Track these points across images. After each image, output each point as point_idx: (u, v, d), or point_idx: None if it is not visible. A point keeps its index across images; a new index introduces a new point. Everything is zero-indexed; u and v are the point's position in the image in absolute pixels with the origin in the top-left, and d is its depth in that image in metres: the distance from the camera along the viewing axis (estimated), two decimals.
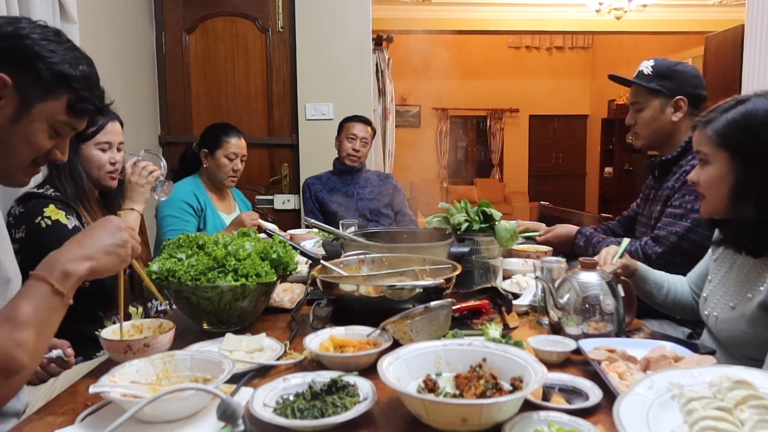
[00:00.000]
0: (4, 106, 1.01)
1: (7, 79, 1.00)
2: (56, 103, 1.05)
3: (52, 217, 1.63)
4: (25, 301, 0.94)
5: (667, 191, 1.88)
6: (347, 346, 1.20)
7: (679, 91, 1.89)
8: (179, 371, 1.08)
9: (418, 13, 6.41)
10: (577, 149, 10.91)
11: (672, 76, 1.89)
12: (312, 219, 3.01)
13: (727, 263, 1.40)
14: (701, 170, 1.34)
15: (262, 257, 1.38)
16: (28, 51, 1.01)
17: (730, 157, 1.27)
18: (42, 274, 0.97)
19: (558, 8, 6.48)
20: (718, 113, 1.30)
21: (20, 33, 1.01)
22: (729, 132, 1.27)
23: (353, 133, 3.07)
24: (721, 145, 1.28)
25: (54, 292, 0.96)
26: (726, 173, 1.28)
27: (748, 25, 3.40)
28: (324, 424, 0.89)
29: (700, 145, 1.33)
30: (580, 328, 1.27)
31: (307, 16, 3.67)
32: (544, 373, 0.92)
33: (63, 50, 1.04)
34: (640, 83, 1.92)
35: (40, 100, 1.03)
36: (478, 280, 1.68)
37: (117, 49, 3.17)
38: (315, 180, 3.17)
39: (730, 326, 1.30)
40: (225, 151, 2.53)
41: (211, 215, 2.51)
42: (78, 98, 1.06)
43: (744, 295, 1.29)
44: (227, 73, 3.79)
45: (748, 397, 0.81)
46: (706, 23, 6.23)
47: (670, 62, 1.94)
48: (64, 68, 1.03)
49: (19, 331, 0.92)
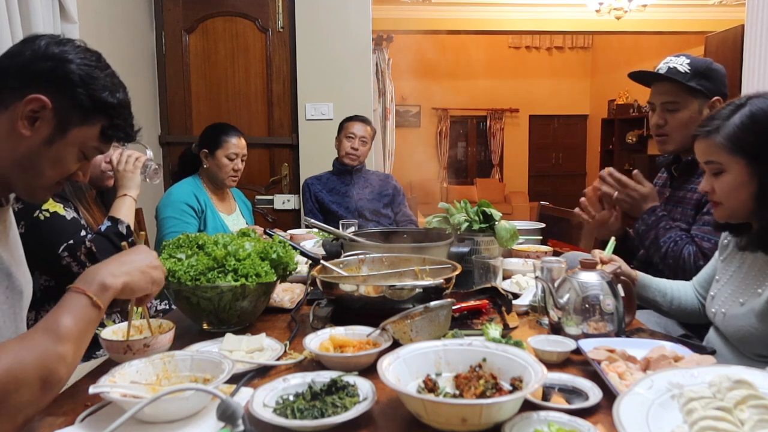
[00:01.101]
0: (40, 128, 1.02)
1: (48, 101, 1.00)
2: (91, 129, 1.06)
3: (50, 210, 1.64)
4: (66, 314, 0.95)
5: (698, 194, 1.76)
6: (347, 346, 1.20)
7: (716, 91, 1.78)
8: (179, 371, 1.08)
9: (418, 13, 6.41)
10: (577, 149, 10.92)
11: (711, 76, 1.78)
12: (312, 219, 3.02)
13: (736, 262, 1.39)
14: (715, 180, 1.30)
15: (262, 257, 1.39)
16: (71, 76, 1.01)
17: (747, 163, 1.25)
18: (81, 287, 0.98)
19: (558, 8, 6.48)
20: (720, 120, 1.28)
21: (65, 57, 1.02)
22: (741, 136, 1.24)
23: (352, 132, 3.08)
24: (735, 151, 1.25)
25: (92, 304, 0.97)
26: (746, 179, 1.25)
27: (748, 25, 3.40)
28: (324, 424, 0.89)
29: (709, 155, 1.30)
30: (580, 328, 1.27)
31: (307, 16, 3.67)
32: (544, 373, 0.92)
33: (103, 76, 1.05)
34: (681, 81, 1.76)
35: (77, 125, 1.04)
36: (478, 280, 1.68)
37: (117, 49, 3.17)
38: (315, 180, 3.17)
39: (739, 322, 1.30)
40: (225, 151, 2.53)
41: (211, 216, 2.51)
42: (112, 126, 1.07)
43: (754, 291, 1.29)
44: (227, 73, 3.79)
45: (748, 397, 0.81)
46: (706, 23, 6.23)
47: (706, 60, 1.82)
48: (104, 95, 1.04)
49: (62, 345, 0.92)
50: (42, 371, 0.90)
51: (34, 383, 0.89)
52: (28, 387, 0.88)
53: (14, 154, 1.02)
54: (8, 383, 0.86)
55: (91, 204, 1.84)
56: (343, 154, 3.10)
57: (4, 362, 0.86)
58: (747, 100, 1.27)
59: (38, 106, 1.00)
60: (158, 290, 1.12)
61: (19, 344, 0.91)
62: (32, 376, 0.89)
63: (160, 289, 1.13)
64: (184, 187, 2.52)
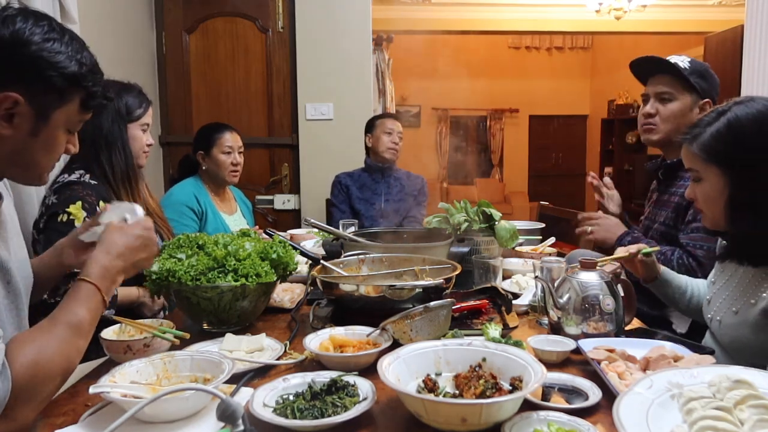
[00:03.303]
0: (21, 123, 0.95)
1: (18, 96, 0.93)
2: (71, 106, 1.01)
3: (71, 215, 1.60)
4: (82, 307, 0.99)
5: (678, 198, 1.81)
6: (347, 346, 1.20)
7: (708, 94, 1.83)
8: (179, 371, 1.08)
9: (418, 13, 6.41)
10: (577, 149, 10.91)
11: (707, 77, 1.84)
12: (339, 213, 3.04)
13: (732, 268, 1.38)
14: (696, 187, 1.31)
15: (262, 257, 1.39)
16: (35, 61, 0.93)
17: (721, 172, 1.24)
18: (95, 282, 1.01)
19: (558, 8, 6.47)
20: (701, 128, 1.27)
21: (20, 38, 0.92)
22: (715, 146, 1.23)
23: (390, 127, 3.09)
24: (709, 160, 1.25)
25: (102, 300, 1.02)
26: (721, 188, 1.25)
27: (748, 26, 3.39)
28: (324, 424, 0.89)
29: (690, 163, 1.30)
30: (580, 328, 1.27)
31: (307, 16, 3.67)
32: (544, 373, 0.92)
33: (65, 44, 0.97)
34: (681, 73, 1.82)
35: (56, 107, 0.98)
36: (477, 280, 1.68)
37: (117, 50, 3.17)
38: (346, 175, 3.18)
39: (733, 331, 1.29)
40: (220, 148, 2.53)
41: (212, 217, 2.50)
42: (89, 95, 1.02)
43: (747, 301, 1.28)
44: (227, 73, 3.79)
45: (748, 396, 0.81)
46: (705, 23, 6.23)
47: (704, 63, 1.88)
48: (74, 67, 0.97)
49: (81, 339, 0.97)
50: (64, 363, 0.94)
51: (57, 375, 0.93)
52: (52, 379, 0.92)
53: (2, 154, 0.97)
54: (36, 375, 0.89)
55: (138, 184, 1.82)
56: (383, 149, 3.08)
57: (30, 355, 0.89)
58: (730, 107, 1.26)
59: (10, 103, 0.93)
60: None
61: (42, 336, 0.93)
62: (57, 368, 0.93)
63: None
64: (184, 188, 2.52)
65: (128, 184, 1.78)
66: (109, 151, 1.74)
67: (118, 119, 1.76)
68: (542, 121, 10.82)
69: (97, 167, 1.73)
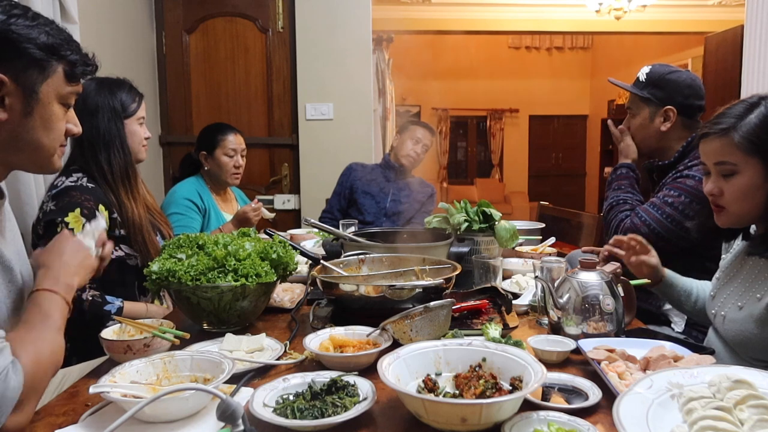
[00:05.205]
0: (12, 104, 0.97)
1: (2, 77, 0.94)
2: (56, 77, 1.01)
3: (68, 225, 1.57)
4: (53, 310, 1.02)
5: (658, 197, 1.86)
6: (347, 346, 1.20)
7: (668, 100, 1.86)
8: (179, 371, 1.08)
9: (418, 13, 6.41)
10: (576, 149, 10.92)
11: (664, 85, 1.87)
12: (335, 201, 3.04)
13: (737, 263, 1.38)
14: (726, 182, 1.25)
15: (262, 257, 1.39)
16: (6, 35, 0.94)
17: (763, 164, 1.20)
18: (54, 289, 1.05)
19: (558, 8, 6.47)
20: (732, 119, 1.23)
21: None
22: (761, 135, 1.19)
23: (418, 136, 3.06)
24: (753, 151, 1.20)
25: (66, 303, 1.05)
26: (760, 182, 1.21)
27: (748, 26, 3.40)
28: (324, 424, 0.89)
29: (722, 156, 1.24)
30: (580, 328, 1.27)
31: (307, 16, 3.67)
32: (544, 373, 0.92)
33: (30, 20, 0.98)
34: (632, 90, 1.93)
35: (42, 81, 0.99)
36: (478, 280, 1.68)
37: (117, 50, 3.18)
38: (359, 166, 3.16)
39: (738, 326, 1.29)
40: (224, 149, 2.53)
41: (215, 217, 2.51)
42: (70, 63, 1.03)
43: (753, 296, 1.28)
44: (227, 73, 3.79)
45: (748, 396, 0.81)
46: (705, 24, 6.23)
47: (664, 70, 1.90)
48: (45, 39, 0.98)
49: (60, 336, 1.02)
50: (56, 358, 0.99)
51: (51, 371, 0.98)
52: (47, 375, 0.97)
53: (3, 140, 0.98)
54: (37, 372, 0.93)
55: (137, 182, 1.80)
56: (403, 154, 3.06)
57: (30, 350, 0.94)
58: (760, 100, 1.23)
59: None
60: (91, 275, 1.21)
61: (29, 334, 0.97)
62: (51, 364, 0.97)
63: None
64: (187, 184, 2.52)
65: (127, 183, 1.76)
66: (107, 151, 1.73)
67: (114, 117, 1.75)
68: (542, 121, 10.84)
69: (96, 168, 1.72)
